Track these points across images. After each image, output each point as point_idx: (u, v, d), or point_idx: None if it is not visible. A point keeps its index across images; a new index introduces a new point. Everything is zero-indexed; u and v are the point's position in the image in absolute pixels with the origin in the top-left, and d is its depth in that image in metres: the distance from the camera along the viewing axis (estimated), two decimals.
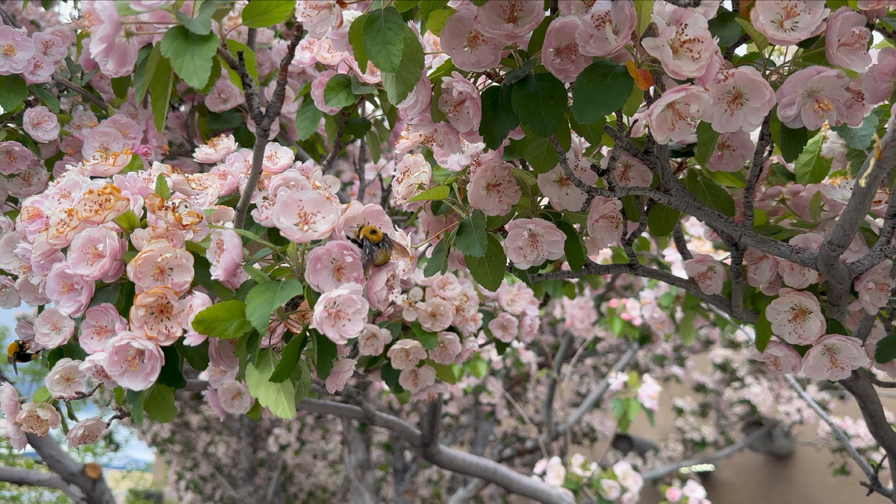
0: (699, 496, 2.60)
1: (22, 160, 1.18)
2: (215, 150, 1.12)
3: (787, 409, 5.17)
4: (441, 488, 6.66)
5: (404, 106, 0.84)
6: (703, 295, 1.15)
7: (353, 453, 4.74)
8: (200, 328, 0.69)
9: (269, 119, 0.71)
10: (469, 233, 0.91)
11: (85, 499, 3.12)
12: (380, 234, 0.75)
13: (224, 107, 1.41)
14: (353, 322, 0.71)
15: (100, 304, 0.75)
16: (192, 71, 0.61)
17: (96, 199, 0.76)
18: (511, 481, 2.09)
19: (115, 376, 0.72)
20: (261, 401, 0.71)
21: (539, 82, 0.80)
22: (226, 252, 0.72)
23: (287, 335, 0.82)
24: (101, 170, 0.91)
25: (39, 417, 1.14)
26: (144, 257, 0.72)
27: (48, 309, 1.17)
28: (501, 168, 0.91)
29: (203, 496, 6.84)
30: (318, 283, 0.72)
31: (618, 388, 2.51)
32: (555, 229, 0.87)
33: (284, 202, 0.72)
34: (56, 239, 0.76)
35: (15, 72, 1.15)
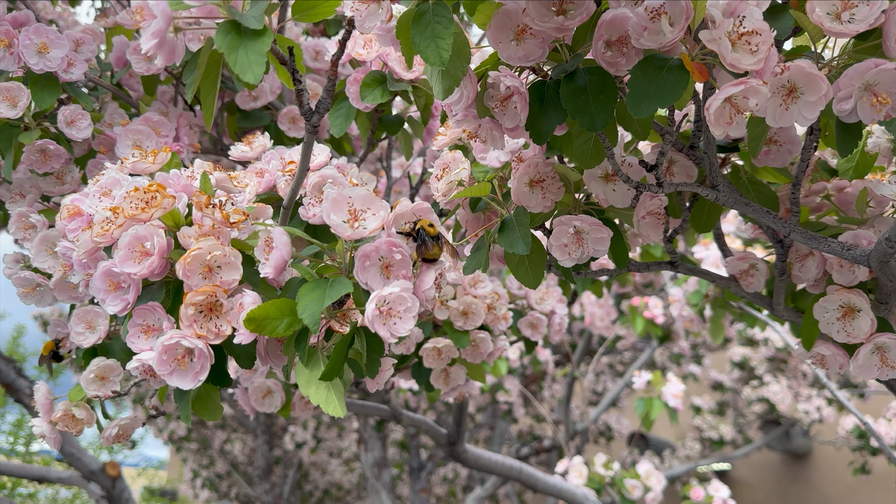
0: (724, 496, 2.58)
1: (56, 159, 1.18)
2: (251, 147, 1.11)
3: (806, 408, 5.12)
4: (456, 486, 6.65)
5: (449, 101, 0.82)
6: (743, 293, 1.13)
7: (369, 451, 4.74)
8: (251, 326, 0.68)
9: (318, 115, 0.70)
10: (511, 230, 0.90)
11: (105, 496, 3.13)
12: (436, 230, 0.74)
13: (254, 105, 1.40)
14: (403, 320, 0.70)
15: (146, 302, 0.74)
16: (246, 66, 0.60)
17: (142, 196, 0.75)
18: (536, 480, 2.07)
19: (163, 375, 0.71)
20: (311, 399, 0.70)
21: (588, 76, 0.78)
22: (275, 250, 0.71)
23: (328, 333, 0.81)
24: (141, 167, 0.90)
25: (75, 416, 1.14)
26: (193, 255, 0.71)
27: (82, 308, 1.17)
28: (545, 164, 0.89)
29: (219, 494, 6.87)
30: (367, 281, 0.71)
31: (641, 386, 2.49)
32: (601, 226, 0.86)
33: (334, 199, 0.71)
34: (101, 237, 0.75)
35: (49, 70, 1.15)
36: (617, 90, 0.78)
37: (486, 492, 4.53)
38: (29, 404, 3.09)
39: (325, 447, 6.10)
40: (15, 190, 1.23)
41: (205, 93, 0.70)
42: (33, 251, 1.17)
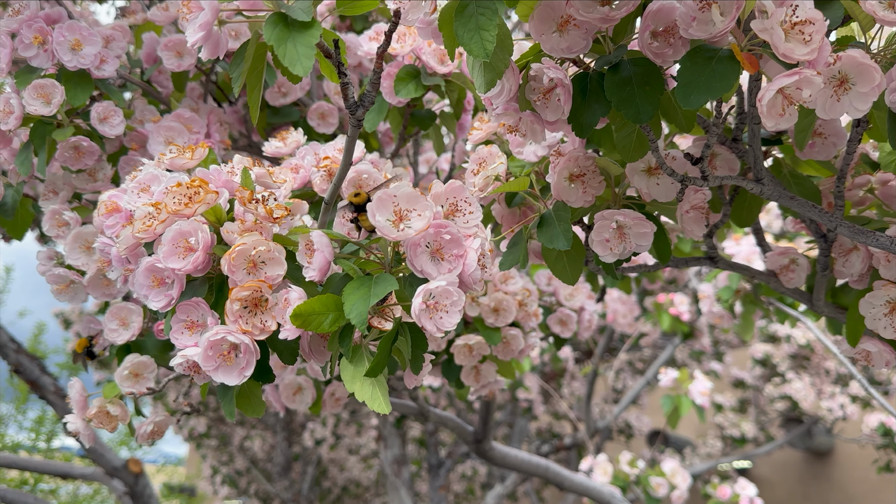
0: (750, 494, 2.55)
1: (90, 155, 1.18)
2: (285, 143, 1.11)
3: (829, 405, 5.06)
4: (475, 484, 6.64)
5: (490, 95, 0.81)
6: (783, 288, 1.11)
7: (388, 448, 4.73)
8: (298, 322, 0.68)
9: (363, 109, 0.70)
10: (551, 225, 0.89)
11: (128, 493, 3.15)
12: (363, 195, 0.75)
13: (283, 101, 1.40)
14: (450, 314, 0.69)
15: (190, 298, 0.74)
16: (295, 58, 0.60)
17: (185, 191, 0.75)
18: (563, 479, 2.06)
19: (209, 371, 0.70)
20: (357, 395, 0.69)
21: (633, 67, 0.77)
22: (318, 252, 0.71)
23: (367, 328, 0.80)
24: (179, 163, 0.90)
25: (109, 413, 1.14)
26: (238, 250, 0.71)
27: (116, 304, 1.17)
28: (585, 158, 0.88)
29: (238, 490, 6.90)
30: (422, 268, 0.70)
31: (668, 384, 2.47)
32: (644, 220, 0.84)
33: (379, 198, 0.70)
34: (143, 232, 0.75)
35: (82, 67, 1.15)
36: (663, 81, 0.77)
37: (506, 489, 4.52)
38: (52, 401, 3.12)
39: (344, 444, 6.11)
40: (48, 187, 1.23)
41: (250, 86, 0.70)
42: (67, 248, 1.17)
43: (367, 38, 1.19)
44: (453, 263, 0.72)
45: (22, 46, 1.12)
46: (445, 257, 0.71)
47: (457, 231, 0.72)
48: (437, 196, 0.75)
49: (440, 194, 0.75)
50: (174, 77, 1.36)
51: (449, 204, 0.75)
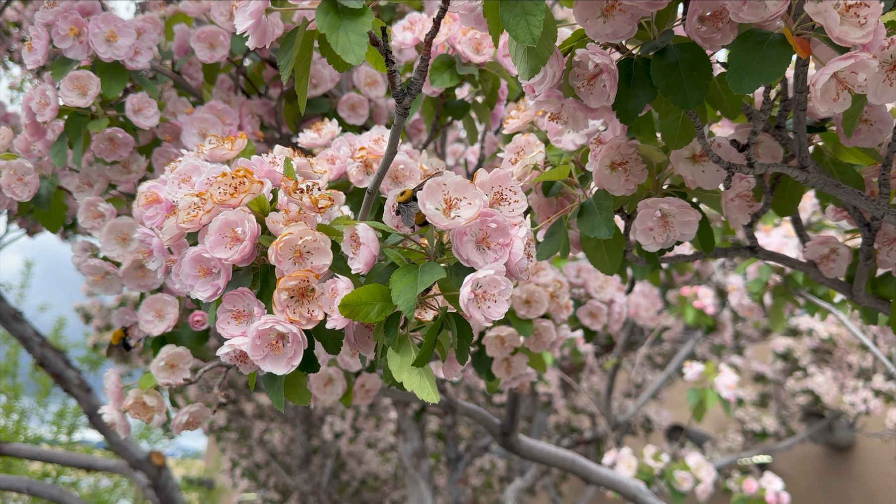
0: (776, 488, 2.53)
1: (124, 147, 1.18)
2: (319, 134, 1.10)
3: (852, 400, 5.01)
4: (493, 477, 6.65)
5: (532, 81, 0.81)
6: (822, 279, 1.10)
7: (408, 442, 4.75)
8: (346, 312, 0.68)
9: (410, 97, 0.69)
10: (592, 214, 0.88)
11: (150, 485, 3.18)
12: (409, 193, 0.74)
13: (314, 92, 1.40)
14: (498, 304, 0.69)
15: (235, 288, 0.74)
16: (347, 46, 0.59)
17: (230, 181, 0.74)
18: (589, 472, 2.05)
19: (256, 360, 0.70)
20: (405, 385, 0.69)
21: (679, 52, 0.76)
22: (363, 247, 0.70)
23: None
24: (219, 154, 0.90)
25: (146, 404, 1.15)
26: (285, 240, 0.71)
27: (152, 296, 1.17)
28: (628, 146, 0.87)
29: (258, 483, 6.94)
30: (468, 256, 0.69)
31: (694, 377, 2.45)
32: (689, 209, 0.83)
33: (429, 187, 0.69)
34: (188, 222, 0.75)
35: (116, 58, 1.15)
36: (711, 66, 0.76)
37: (525, 483, 4.52)
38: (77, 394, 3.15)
39: (363, 437, 6.13)
40: (82, 179, 1.24)
41: (298, 75, 0.70)
42: (102, 239, 1.18)
43: (402, 28, 1.19)
44: (499, 252, 0.71)
45: (57, 38, 1.13)
46: (492, 246, 0.71)
47: (503, 220, 0.71)
48: (482, 185, 0.75)
49: (485, 183, 0.75)
50: (205, 68, 1.36)
51: (494, 193, 0.74)
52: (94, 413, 3.17)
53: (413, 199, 0.75)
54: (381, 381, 1.47)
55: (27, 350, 3.14)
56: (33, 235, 3.89)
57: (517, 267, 0.71)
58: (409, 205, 0.74)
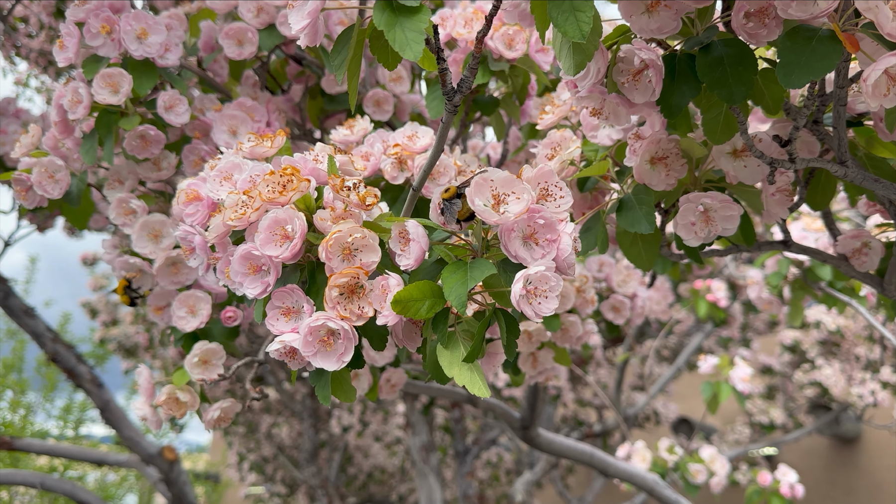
0: (791, 480, 2.54)
1: (156, 144, 1.19)
2: (352, 131, 1.11)
3: (860, 392, 5.02)
4: (500, 471, 6.67)
5: (576, 77, 0.81)
6: (853, 272, 1.10)
7: (416, 435, 4.76)
8: (398, 308, 0.68)
9: (460, 94, 0.69)
10: (632, 209, 0.88)
11: (162, 479, 3.20)
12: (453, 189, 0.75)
13: (340, 88, 1.40)
14: (549, 300, 0.69)
15: (284, 285, 0.74)
16: (405, 43, 0.60)
17: (278, 179, 0.75)
18: (607, 465, 2.06)
19: (308, 356, 0.71)
20: (457, 380, 0.69)
21: (725, 48, 0.76)
22: (414, 243, 0.71)
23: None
24: (259, 152, 0.90)
25: (179, 400, 1.15)
26: (335, 237, 0.71)
27: (185, 292, 1.18)
28: (668, 140, 0.87)
29: (265, 476, 6.97)
30: (516, 252, 0.70)
31: (708, 370, 2.45)
32: (731, 203, 0.84)
33: (477, 183, 0.69)
34: (237, 220, 0.75)
35: (148, 56, 1.16)
36: (756, 62, 0.76)
37: (535, 476, 4.53)
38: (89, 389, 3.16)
39: (371, 431, 6.15)
40: (112, 176, 1.24)
41: (350, 73, 0.70)
42: (134, 236, 1.18)
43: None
44: (546, 248, 0.71)
45: (89, 36, 1.13)
46: (539, 242, 0.71)
47: (550, 215, 0.71)
48: (527, 180, 0.75)
49: (531, 179, 0.75)
50: (231, 65, 1.36)
51: (540, 188, 0.74)
52: (105, 408, 3.18)
53: (457, 196, 0.75)
54: (406, 376, 1.48)
55: (39, 345, 3.15)
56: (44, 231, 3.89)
57: (565, 263, 0.71)
58: (453, 202, 0.75)
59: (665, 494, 2.12)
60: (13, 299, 3.10)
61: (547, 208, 0.73)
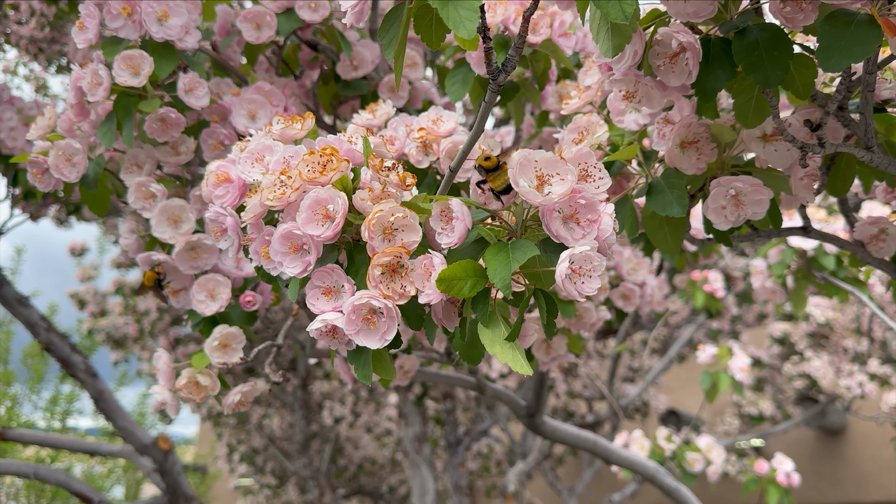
0: (787, 469, 2.57)
1: (176, 127, 1.18)
2: (374, 115, 1.11)
3: (847, 384, 5.09)
4: (490, 462, 6.70)
5: (611, 60, 0.81)
6: (869, 259, 1.12)
7: (409, 426, 4.77)
8: (442, 286, 0.68)
9: (505, 74, 0.70)
10: (662, 192, 0.89)
11: (156, 469, 3.19)
12: (493, 159, 0.75)
13: (355, 74, 1.39)
14: (592, 279, 0.70)
15: (324, 265, 0.74)
16: (458, 21, 0.60)
17: (318, 160, 0.75)
18: (610, 453, 2.08)
19: (350, 335, 0.71)
20: (499, 358, 0.70)
21: (760, 32, 0.77)
22: (457, 221, 0.71)
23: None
24: (290, 134, 0.90)
25: (199, 384, 1.15)
26: (378, 217, 0.71)
27: (204, 276, 1.17)
28: (699, 125, 0.88)
29: (255, 468, 6.96)
30: (557, 232, 0.70)
31: (707, 360, 2.48)
32: (762, 187, 0.85)
33: (521, 163, 0.70)
34: (275, 200, 0.75)
35: (168, 38, 1.15)
36: (792, 46, 0.77)
37: (527, 466, 4.56)
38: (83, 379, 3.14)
39: (363, 422, 6.15)
40: (130, 160, 1.23)
41: (397, 53, 0.70)
42: (153, 221, 1.18)
43: None
44: (587, 229, 0.72)
45: (109, 17, 1.12)
46: (581, 222, 0.72)
47: (591, 196, 0.72)
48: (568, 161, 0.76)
49: (571, 160, 0.75)
50: (247, 49, 1.35)
51: (580, 169, 0.75)
52: (99, 398, 3.16)
53: (497, 167, 0.76)
54: (419, 363, 1.48)
55: (33, 335, 3.12)
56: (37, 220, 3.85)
57: (606, 243, 0.72)
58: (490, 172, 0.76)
59: (666, 482, 2.14)
60: (7, 288, 3.07)
61: (587, 189, 0.73)
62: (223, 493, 9.61)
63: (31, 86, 5.31)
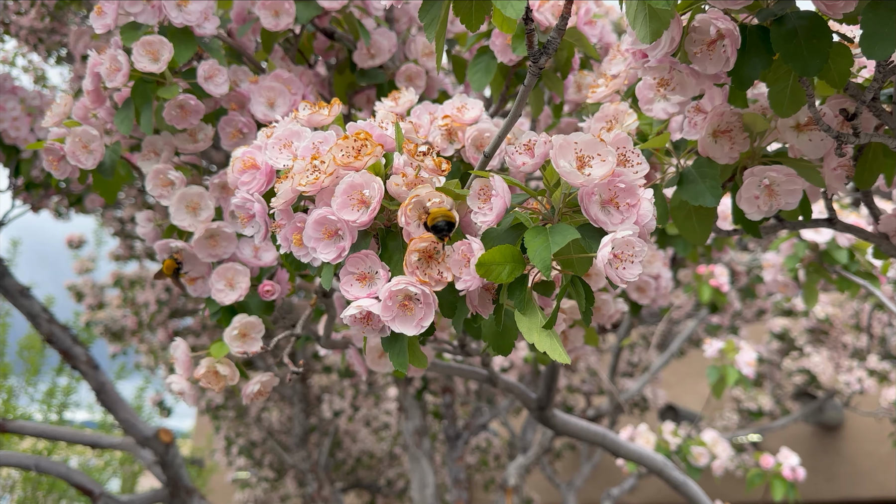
0: (793, 463, 2.58)
1: (195, 114, 1.17)
2: (397, 103, 1.10)
3: (847, 379, 5.10)
4: (489, 455, 6.71)
5: (647, 46, 0.80)
6: (894, 251, 1.11)
7: (409, 420, 4.77)
8: (482, 271, 0.68)
9: (546, 56, 0.69)
10: (694, 182, 0.88)
11: (157, 462, 3.18)
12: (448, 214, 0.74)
13: (372, 63, 1.38)
14: (634, 265, 0.69)
15: (358, 251, 0.73)
16: (506, 1, 0.59)
17: (352, 144, 0.74)
18: (619, 447, 2.08)
19: (386, 321, 0.70)
20: (537, 346, 0.69)
21: (799, 20, 0.76)
22: (497, 197, 0.70)
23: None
24: (317, 120, 0.89)
25: (218, 373, 1.14)
26: (415, 201, 0.71)
27: (223, 265, 1.16)
28: (731, 114, 0.87)
29: (253, 461, 6.95)
30: (596, 216, 0.69)
31: (713, 354, 2.48)
32: (796, 177, 0.84)
33: (561, 145, 0.69)
34: (309, 185, 0.74)
35: (188, 24, 1.14)
36: (831, 34, 0.76)
37: (528, 460, 4.56)
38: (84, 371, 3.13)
39: (362, 416, 6.15)
40: (147, 147, 1.22)
41: (438, 33, 0.69)
42: (172, 208, 1.17)
43: None
44: (626, 213, 0.71)
45: (128, 2, 1.11)
46: (620, 207, 0.71)
47: (631, 180, 0.71)
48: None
49: (609, 144, 0.75)
50: (264, 37, 1.34)
51: (618, 154, 0.74)
52: (101, 390, 3.15)
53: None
54: (433, 354, 1.48)
55: (34, 326, 3.11)
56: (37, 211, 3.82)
57: (646, 229, 0.71)
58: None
59: (674, 476, 2.14)
60: (8, 279, 3.05)
61: (626, 173, 0.72)
62: (219, 487, 9.60)
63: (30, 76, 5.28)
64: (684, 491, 2.18)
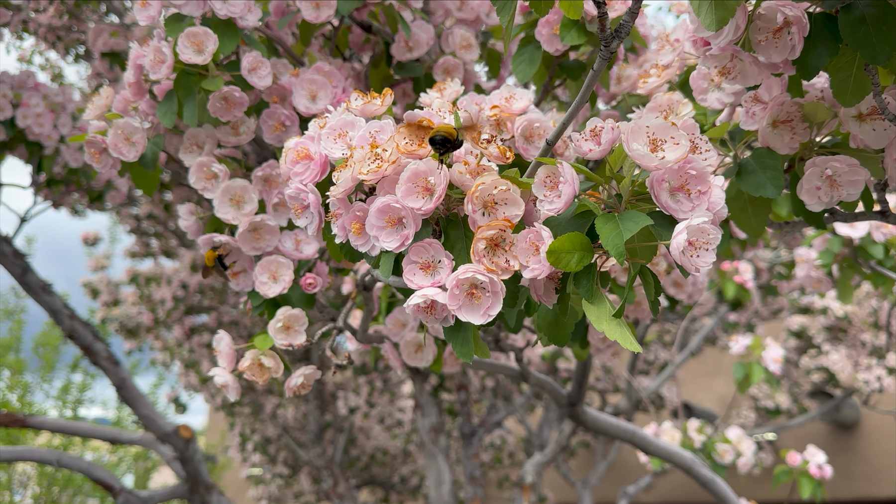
0: (819, 461, 2.56)
1: (239, 107, 1.16)
2: (442, 94, 1.09)
3: (865, 377, 5.07)
4: (503, 453, 6.70)
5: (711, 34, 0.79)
6: None
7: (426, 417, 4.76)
8: (551, 259, 0.67)
9: (618, 41, 0.68)
10: (754, 173, 0.87)
11: (177, 458, 3.19)
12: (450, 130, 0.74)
13: (410, 56, 1.38)
14: (708, 252, 0.68)
15: (421, 239, 0.73)
16: None
17: (416, 132, 0.73)
18: (648, 444, 2.07)
19: (453, 310, 0.70)
20: (608, 335, 0.69)
21: (867, 7, 0.75)
22: (566, 184, 0.69)
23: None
24: (370, 110, 0.88)
25: (262, 365, 1.14)
26: (480, 190, 0.70)
27: (267, 258, 1.16)
28: (791, 103, 0.86)
29: (268, 457, 6.97)
30: (666, 202, 0.68)
31: (740, 351, 2.46)
32: (859, 168, 0.83)
33: (633, 129, 0.68)
34: (371, 174, 0.74)
35: (232, 15, 1.13)
36: None
37: (545, 457, 4.55)
38: (105, 367, 3.14)
39: (376, 413, 6.15)
40: (189, 140, 1.22)
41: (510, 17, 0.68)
42: (216, 201, 1.16)
43: None
44: (696, 201, 0.70)
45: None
46: (691, 194, 0.70)
47: (702, 167, 0.70)
48: None
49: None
50: (302, 29, 1.34)
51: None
52: (121, 385, 3.16)
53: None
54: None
55: (56, 322, 3.12)
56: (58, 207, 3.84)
57: (718, 216, 0.70)
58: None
59: (702, 473, 2.13)
60: (30, 275, 3.06)
61: (696, 160, 0.71)
62: (233, 483, 9.64)
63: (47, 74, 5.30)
64: (712, 488, 2.16)
